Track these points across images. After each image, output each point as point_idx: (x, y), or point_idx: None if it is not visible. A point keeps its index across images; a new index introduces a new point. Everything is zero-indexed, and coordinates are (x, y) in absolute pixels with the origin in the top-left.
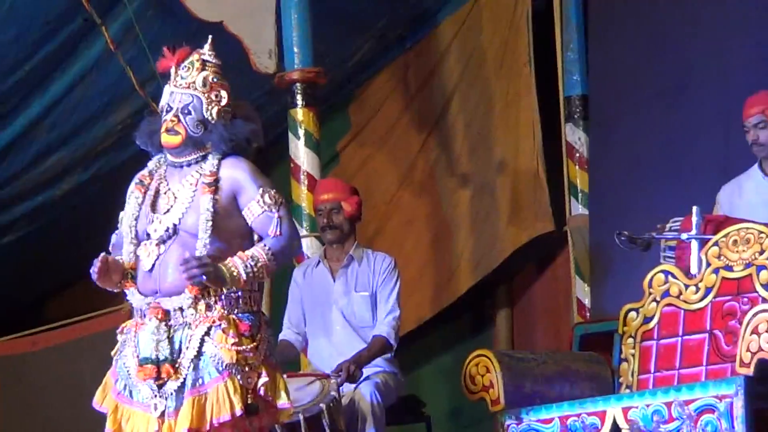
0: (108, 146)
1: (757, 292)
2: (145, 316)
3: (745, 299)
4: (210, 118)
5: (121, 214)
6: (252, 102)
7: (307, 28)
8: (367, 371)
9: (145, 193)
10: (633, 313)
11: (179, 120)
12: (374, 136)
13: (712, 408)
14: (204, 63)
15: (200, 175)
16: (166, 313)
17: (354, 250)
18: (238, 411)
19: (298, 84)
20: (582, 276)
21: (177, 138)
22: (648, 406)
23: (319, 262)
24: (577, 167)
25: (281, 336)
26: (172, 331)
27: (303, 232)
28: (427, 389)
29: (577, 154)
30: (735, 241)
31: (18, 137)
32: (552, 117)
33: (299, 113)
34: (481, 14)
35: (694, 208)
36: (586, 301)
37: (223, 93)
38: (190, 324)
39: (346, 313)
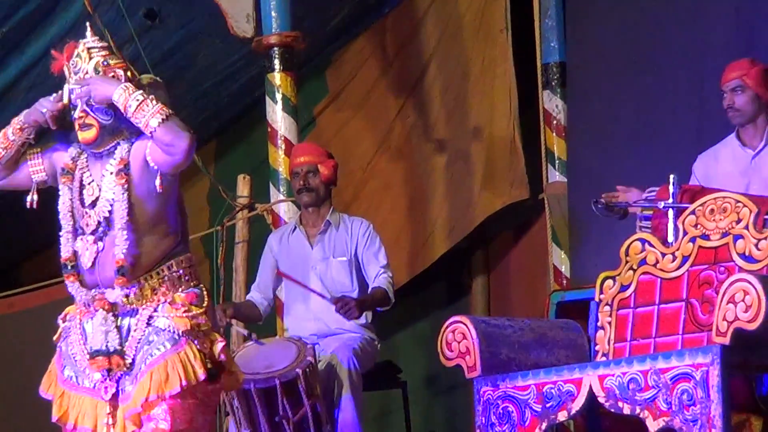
0: None
1: (733, 261)
2: (89, 306)
3: (722, 268)
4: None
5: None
6: (229, 66)
7: None
8: (344, 337)
9: (71, 181)
10: (610, 281)
11: (87, 113)
12: (351, 101)
13: (688, 377)
14: (89, 50)
15: (115, 164)
16: (112, 305)
17: (330, 215)
18: (201, 375)
19: (275, 48)
20: (559, 243)
21: (91, 131)
22: (624, 374)
23: (295, 228)
24: (554, 134)
25: (247, 296)
26: (119, 320)
27: (280, 196)
28: (403, 355)
29: (555, 122)
30: (712, 210)
31: None
32: (529, 84)
33: (277, 78)
34: None
35: (671, 177)
36: (563, 269)
37: (119, 72)
38: (138, 309)
39: (324, 279)
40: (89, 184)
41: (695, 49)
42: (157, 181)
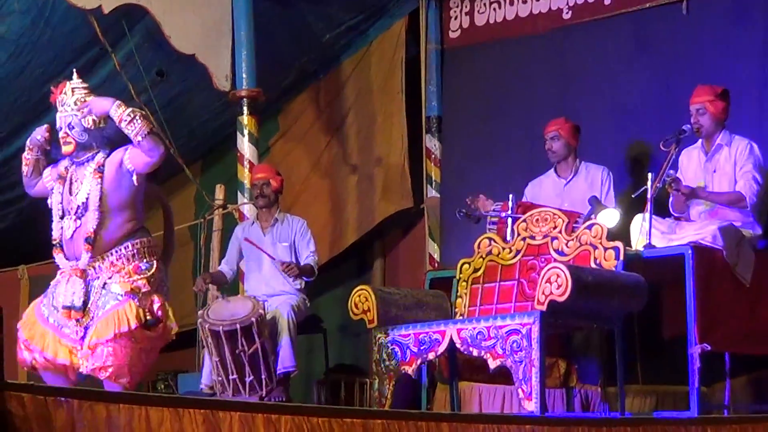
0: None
1: (551, 254)
2: (68, 272)
3: (543, 259)
4: (88, 126)
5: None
6: (212, 110)
7: (252, 61)
8: (285, 297)
9: (64, 183)
10: (466, 266)
11: (68, 134)
12: (295, 137)
13: (518, 332)
14: (73, 89)
15: (93, 166)
16: (83, 272)
17: (278, 214)
18: (134, 325)
19: (245, 99)
20: (433, 238)
21: (70, 147)
22: (474, 328)
23: (254, 222)
24: (432, 164)
25: (219, 267)
26: (89, 286)
27: (244, 200)
28: (325, 311)
29: (433, 156)
30: (537, 220)
31: None
32: (416, 129)
33: (245, 119)
34: (371, 57)
35: (510, 196)
36: (436, 256)
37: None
38: (99, 277)
39: (273, 256)
40: (75, 182)
41: (530, 108)
42: (134, 178)
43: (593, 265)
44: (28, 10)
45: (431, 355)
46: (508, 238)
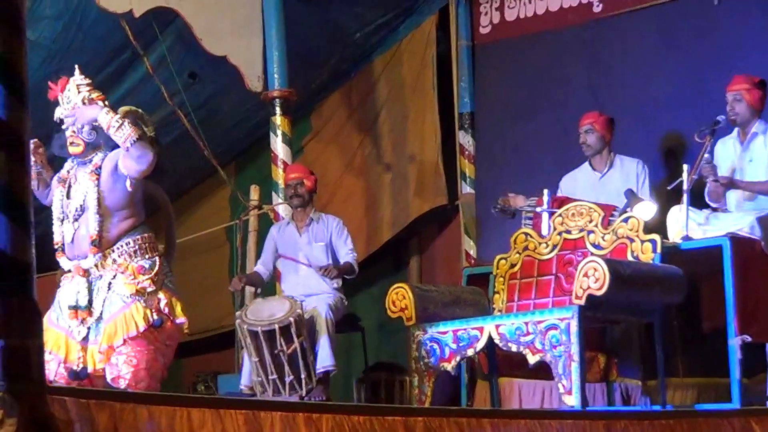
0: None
1: (587, 248)
2: (71, 273)
3: (579, 253)
4: (97, 124)
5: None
6: (245, 111)
7: (283, 62)
8: (323, 296)
9: (64, 186)
10: (503, 261)
11: (76, 134)
12: (328, 136)
13: (556, 326)
14: (78, 86)
15: (91, 167)
16: (86, 271)
17: (313, 213)
18: (142, 327)
19: (277, 99)
20: (469, 235)
21: (79, 147)
22: (512, 324)
23: (289, 222)
24: (466, 161)
25: (255, 268)
26: (91, 285)
27: (279, 200)
28: (362, 309)
29: (467, 152)
30: (573, 214)
31: None
32: (450, 126)
33: (278, 119)
34: (402, 54)
35: (545, 191)
36: (472, 252)
37: (100, 103)
38: (102, 276)
39: (309, 257)
40: (75, 184)
41: (562, 102)
42: (128, 183)
43: (630, 258)
44: (60, 15)
45: (470, 352)
46: (544, 232)
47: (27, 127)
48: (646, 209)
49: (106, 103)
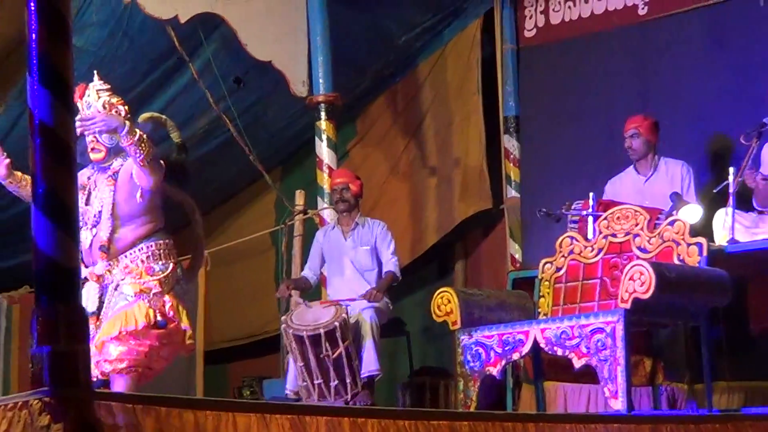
0: (193, 143)
1: (633, 251)
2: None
3: (625, 256)
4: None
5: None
6: (290, 116)
7: (328, 66)
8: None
9: (84, 192)
10: (548, 265)
11: (97, 140)
12: (373, 140)
13: (602, 330)
14: (98, 91)
15: (109, 173)
16: (99, 277)
17: (358, 218)
18: (142, 324)
19: (322, 104)
20: (514, 239)
21: (100, 154)
22: (558, 328)
23: (334, 226)
24: (511, 164)
25: (302, 273)
26: (104, 292)
27: (324, 205)
28: (408, 314)
29: (511, 156)
30: (618, 217)
31: None
32: (494, 130)
33: (323, 124)
34: (446, 59)
35: (591, 194)
36: (517, 256)
37: (120, 108)
38: (114, 280)
39: (354, 261)
40: (94, 190)
41: (607, 105)
42: (138, 194)
43: (676, 262)
44: (106, 21)
45: (515, 356)
46: (590, 236)
47: (73, 133)
48: (692, 212)
49: (127, 108)
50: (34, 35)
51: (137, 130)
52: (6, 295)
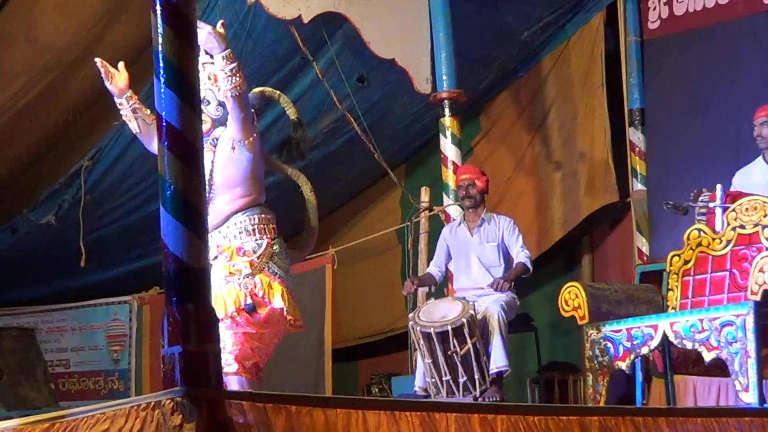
0: (318, 143)
1: (762, 243)
2: None
3: (754, 248)
4: (223, 100)
5: None
6: (414, 113)
7: (451, 63)
8: (495, 296)
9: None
10: (676, 258)
11: (203, 110)
12: (497, 136)
13: (732, 323)
14: (203, 64)
15: (209, 139)
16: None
17: (484, 214)
18: (231, 310)
19: (446, 101)
20: (641, 232)
21: (206, 125)
22: (687, 321)
23: (460, 223)
24: (637, 157)
25: (427, 270)
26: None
27: (450, 201)
28: (535, 309)
29: (637, 149)
30: (747, 209)
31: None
32: (619, 123)
33: (447, 120)
34: (570, 52)
35: (718, 186)
36: (644, 249)
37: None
38: (216, 255)
39: (480, 257)
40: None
41: (734, 95)
42: (244, 154)
43: None
44: (230, 23)
45: (644, 350)
46: (718, 228)
47: (199, 134)
48: None
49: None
50: (159, 38)
51: (236, 61)
52: (136, 296)
